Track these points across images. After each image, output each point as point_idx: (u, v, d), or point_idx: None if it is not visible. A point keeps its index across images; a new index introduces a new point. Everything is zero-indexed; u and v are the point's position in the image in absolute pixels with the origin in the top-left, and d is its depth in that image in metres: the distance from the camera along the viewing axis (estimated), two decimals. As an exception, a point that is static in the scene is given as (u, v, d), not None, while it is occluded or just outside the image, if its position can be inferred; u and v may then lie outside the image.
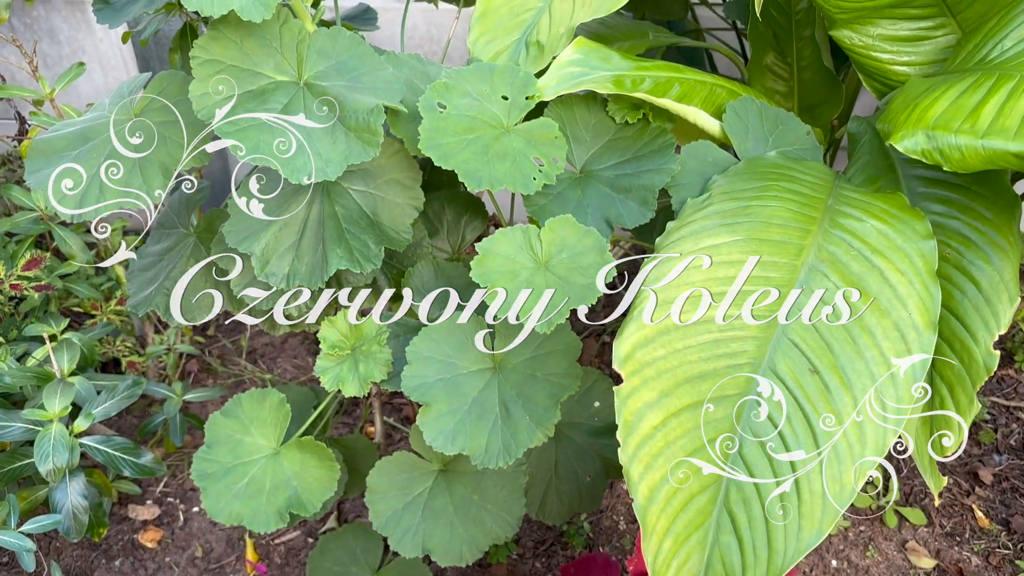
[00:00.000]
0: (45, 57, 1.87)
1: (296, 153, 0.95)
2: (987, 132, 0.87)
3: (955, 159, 0.88)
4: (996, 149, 0.85)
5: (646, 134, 1.07)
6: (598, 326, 1.83)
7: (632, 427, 0.86)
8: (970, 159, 0.87)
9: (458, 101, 1.01)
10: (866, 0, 1.04)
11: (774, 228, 0.94)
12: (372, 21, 1.43)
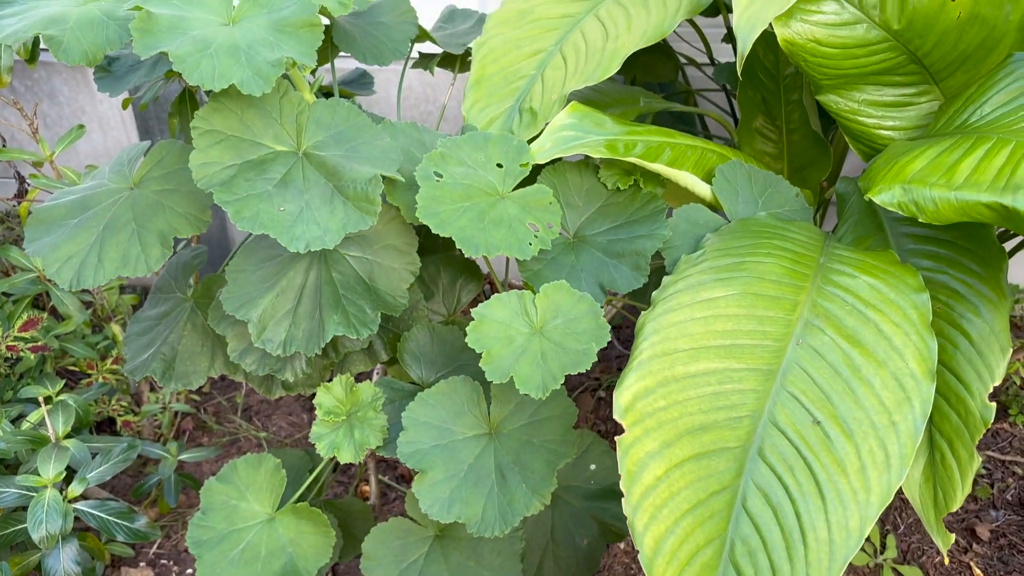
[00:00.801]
0: (45, 117, 1.89)
1: (295, 222, 0.96)
2: (961, 186, 0.89)
3: (930, 211, 0.90)
4: (968, 200, 0.87)
5: (637, 200, 1.08)
6: (593, 381, 1.84)
7: (635, 477, 0.86)
8: (944, 210, 0.89)
9: (454, 169, 1.03)
10: (851, 68, 1.06)
11: (768, 283, 0.95)
12: (369, 86, 1.46)
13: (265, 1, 0.99)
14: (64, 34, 0.99)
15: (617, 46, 1.11)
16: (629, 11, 1.15)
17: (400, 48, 1.24)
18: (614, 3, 1.18)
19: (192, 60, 0.91)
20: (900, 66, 1.07)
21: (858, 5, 1.02)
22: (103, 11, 1.02)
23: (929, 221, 0.90)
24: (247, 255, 1.09)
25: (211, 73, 0.91)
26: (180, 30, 0.94)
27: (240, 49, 0.94)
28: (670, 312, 0.91)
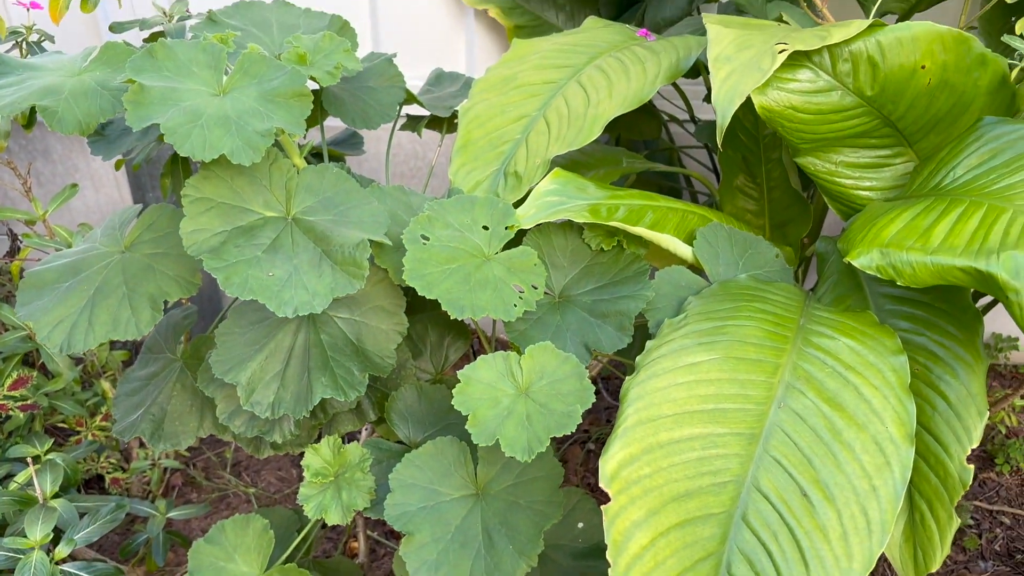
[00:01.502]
0: (39, 175, 1.91)
1: (283, 287, 0.98)
2: (937, 250, 0.91)
3: (907, 274, 0.92)
4: (944, 264, 0.90)
5: (621, 260, 1.10)
6: (582, 433, 1.84)
7: (621, 547, 0.86)
8: (921, 274, 0.91)
9: (440, 232, 1.05)
10: (827, 132, 1.09)
11: (750, 347, 0.96)
12: (359, 145, 1.49)
13: (255, 71, 1.01)
14: (59, 104, 1.02)
15: (598, 112, 1.14)
16: (610, 77, 1.19)
17: (388, 112, 1.26)
18: (596, 69, 1.21)
19: (183, 131, 0.93)
20: (875, 129, 1.10)
21: (832, 73, 1.05)
22: (97, 81, 1.05)
23: (907, 284, 0.92)
24: (236, 317, 1.10)
25: (201, 144, 0.93)
26: (171, 101, 0.96)
27: (230, 119, 0.96)
28: (654, 377, 0.93)
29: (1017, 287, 0.84)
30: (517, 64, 1.26)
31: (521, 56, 1.27)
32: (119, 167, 1.46)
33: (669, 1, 1.54)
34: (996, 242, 0.88)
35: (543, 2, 1.68)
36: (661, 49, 1.21)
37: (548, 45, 1.28)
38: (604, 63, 1.22)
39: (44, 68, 1.08)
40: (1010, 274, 0.85)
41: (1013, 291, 0.84)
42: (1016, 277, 0.84)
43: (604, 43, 1.27)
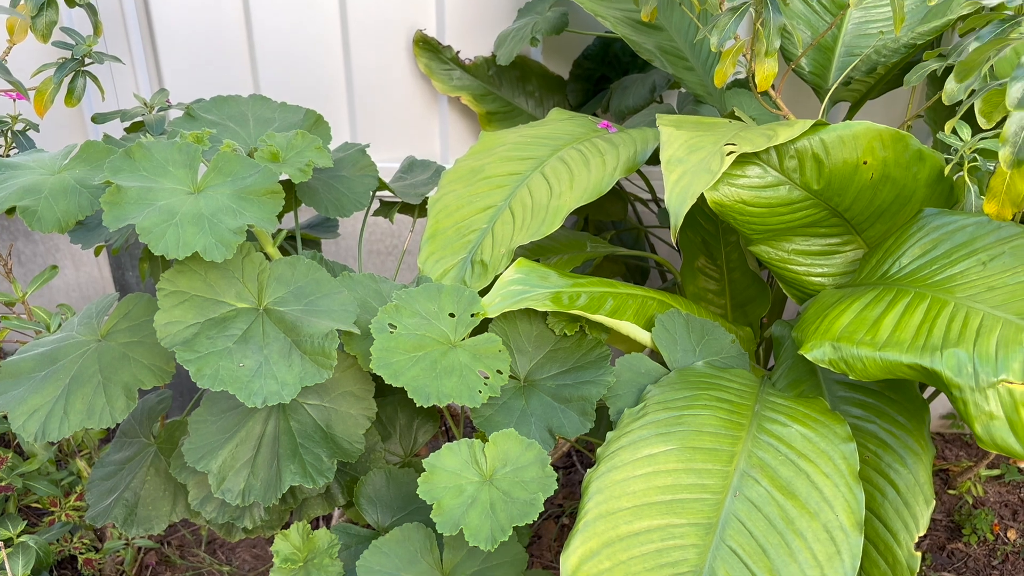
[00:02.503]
0: (20, 255, 1.95)
1: (253, 378, 1.01)
2: (885, 344, 0.96)
3: (858, 368, 0.96)
4: (892, 360, 0.94)
5: (584, 345, 1.14)
6: (556, 508, 1.86)
7: (583, 640, 0.88)
8: (871, 369, 0.96)
9: (408, 321, 1.08)
10: (778, 223, 1.15)
11: (706, 436, 1.00)
12: (334, 229, 1.53)
13: (229, 170, 1.06)
14: (39, 204, 1.06)
15: (560, 203, 1.19)
16: (572, 169, 1.24)
17: (361, 200, 1.31)
18: (558, 161, 1.27)
19: (158, 231, 0.97)
20: (823, 220, 1.16)
21: (780, 169, 1.11)
22: (76, 180, 1.09)
23: (858, 379, 0.96)
24: (209, 404, 1.13)
25: (175, 242, 0.97)
26: (147, 201, 1.00)
27: (204, 217, 1.00)
28: (613, 470, 0.96)
29: (960, 384, 0.89)
30: (484, 156, 1.31)
31: (488, 148, 1.32)
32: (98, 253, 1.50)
33: (632, 90, 1.62)
34: (939, 338, 0.93)
35: (513, 89, 1.75)
36: (620, 142, 1.27)
37: (514, 137, 1.34)
38: (566, 155, 1.28)
39: (25, 167, 1.12)
40: (953, 372, 0.89)
41: (956, 388, 0.89)
42: (959, 375, 0.89)
43: (567, 135, 1.33)
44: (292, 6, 1.67)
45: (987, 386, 0.88)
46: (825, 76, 1.52)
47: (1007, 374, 0.87)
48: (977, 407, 0.88)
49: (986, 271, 1.00)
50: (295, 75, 1.74)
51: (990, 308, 0.95)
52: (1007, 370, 0.87)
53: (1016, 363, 0.88)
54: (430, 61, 1.71)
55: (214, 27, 1.69)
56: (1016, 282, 0.97)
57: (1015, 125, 0.84)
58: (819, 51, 1.54)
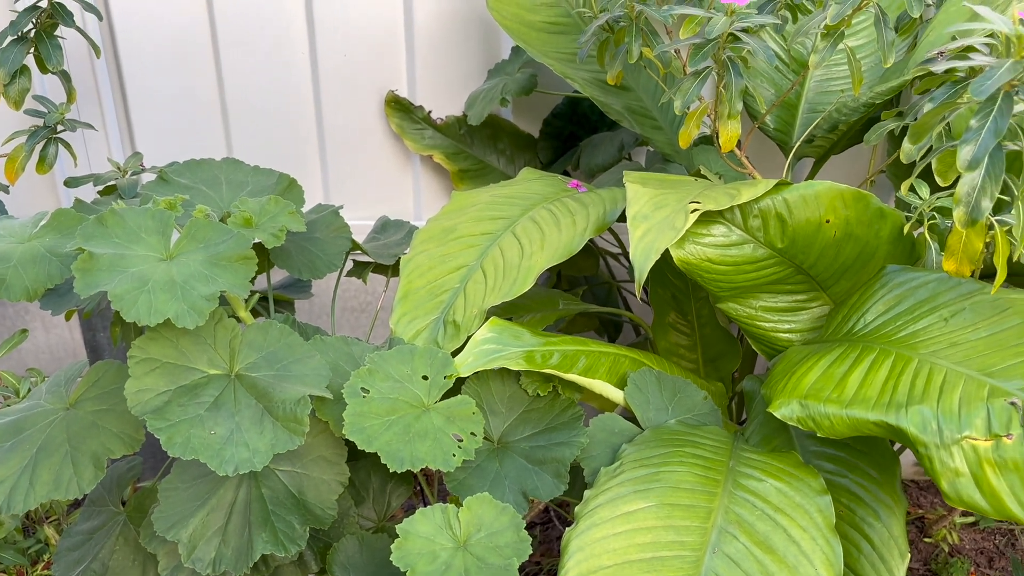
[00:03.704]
0: (-11, 316, 1.93)
1: (225, 445, 1.00)
2: (851, 402, 0.97)
3: (826, 426, 0.98)
4: (858, 418, 0.95)
5: (557, 405, 1.15)
6: (534, 566, 1.84)
7: None
8: (838, 426, 0.97)
9: (380, 385, 1.08)
10: (744, 281, 1.17)
11: (683, 492, 1.00)
12: (307, 289, 1.53)
13: (202, 236, 1.06)
14: (7, 272, 1.05)
15: (531, 263, 1.20)
16: (543, 229, 1.26)
17: (334, 261, 1.32)
18: (529, 221, 1.28)
19: (129, 298, 0.97)
20: (789, 277, 1.18)
21: (744, 228, 1.13)
22: (47, 248, 1.09)
23: (827, 436, 0.97)
24: (180, 471, 1.11)
25: (147, 309, 0.97)
26: (119, 268, 1.00)
27: (176, 284, 1.00)
28: (592, 528, 0.96)
29: (925, 441, 0.90)
30: (456, 216, 1.33)
31: (460, 208, 1.34)
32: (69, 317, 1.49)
33: (601, 148, 1.65)
34: (904, 395, 0.95)
35: (485, 147, 1.78)
36: (590, 202, 1.29)
37: (485, 197, 1.36)
38: (537, 215, 1.29)
39: (-5, 235, 1.11)
40: (918, 429, 0.90)
41: (922, 445, 0.90)
42: (924, 432, 0.90)
43: (538, 195, 1.35)
44: (264, 68, 1.70)
45: (952, 443, 0.89)
46: (790, 133, 1.56)
47: (971, 431, 0.89)
48: (943, 464, 0.89)
49: (948, 327, 1.02)
50: (268, 135, 1.75)
51: (953, 364, 0.97)
52: (970, 427, 0.89)
53: (979, 419, 0.89)
54: (402, 121, 1.74)
55: (187, 90, 1.70)
56: (977, 338, 0.99)
57: (967, 186, 0.87)
58: (783, 108, 1.58)
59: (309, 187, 1.80)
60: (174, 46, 1.67)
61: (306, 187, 1.80)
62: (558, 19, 1.53)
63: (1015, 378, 0.92)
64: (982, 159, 0.84)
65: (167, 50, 1.67)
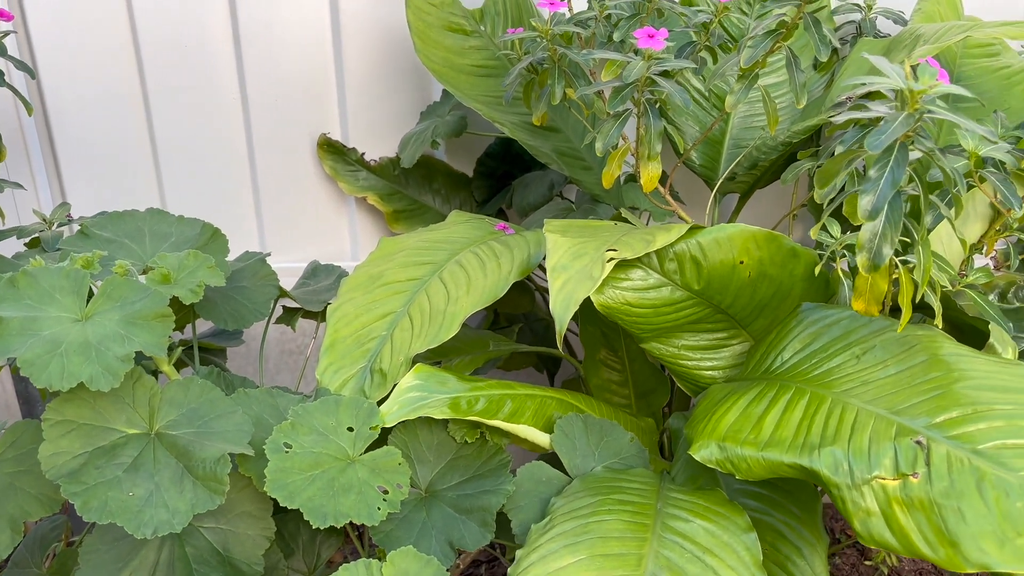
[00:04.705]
0: (-84, 369, 1.88)
1: (143, 507, 0.99)
2: (767, 444, 0.99)
3: (743, 468, 0.99)
4: (774, 460, 0.97)
5: (484, 452, 1.15)
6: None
7: None
8: (756, 469, 0.98)
9: (304, 439, 1.08)
10: (664, 322, 1.19)
11: (613, 542, 1.01)
12: (238, 337, 1.52)
13: (118, 295, 1.05)
14: (-83, 337, 1.03)
15: (457, 308, 1.21)
16: (469, 273, 1.27)
17: (261, 310, 1.31)
18: (456, 265, 1.29)
19: (40, 363, 0.96)
20: (708, 317, 1.20)
21: (661, 272, 1.15)
22: (-42, 311, 1.07)
23: (745, 478, 0.99)
24: (101, 533, 1.10)
25: (59, 374, 0.96)
26: (31, 331, 0.99)
27: (91, 346, 0.99)
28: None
29: (837, 483, 0.92)
30: (384, 262, 1.33)
31: (387, 254, 1.34)
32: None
33: (533, 187, 1.66)
34: (818, 435, 0.97)
35: (420, 187, 1.79)
36: (515, 244, 1.30)
37: (413, 242, 1.36)
38: (464, 259, 1.30)
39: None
40: (831, 471, 0.92)
41: (835, 486, 0.92)
42: (836, 473, 0.92)
43: (465, 238, 1.36)
44: (195, 115, 1.69)
45: (862, 483, 0.91)
46: (715, 169, 1.59)
47: (880, 470, 0.91)
48: (855, 504, 0.91)
49: (860, 364, 1.05)
50: (202, 182, 1.75)
51: (863, 403, 0.99)
52: (879, 466, 0.91)
53: (887, 459, 0.91)
54: (335, 163, 1.74)
55: (118, 141, 1.69)
56: (885, 376, 1.01)
57: (868, 233, 0.90)
58: (709, 145, 1.61)
59: (244, 232, 1.79)
60: (103, 97, 1.66)
61: (241, 232, 1.79)
62: (486, 62, 1.55)
63: (920, 416, 0.95)
64: (881, 208, 0.87)
65: (96, 102, 1.66)
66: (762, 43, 1.15)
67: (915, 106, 0.84)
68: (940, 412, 0.94)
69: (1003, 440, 0.90)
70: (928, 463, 0.90)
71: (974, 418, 0.92)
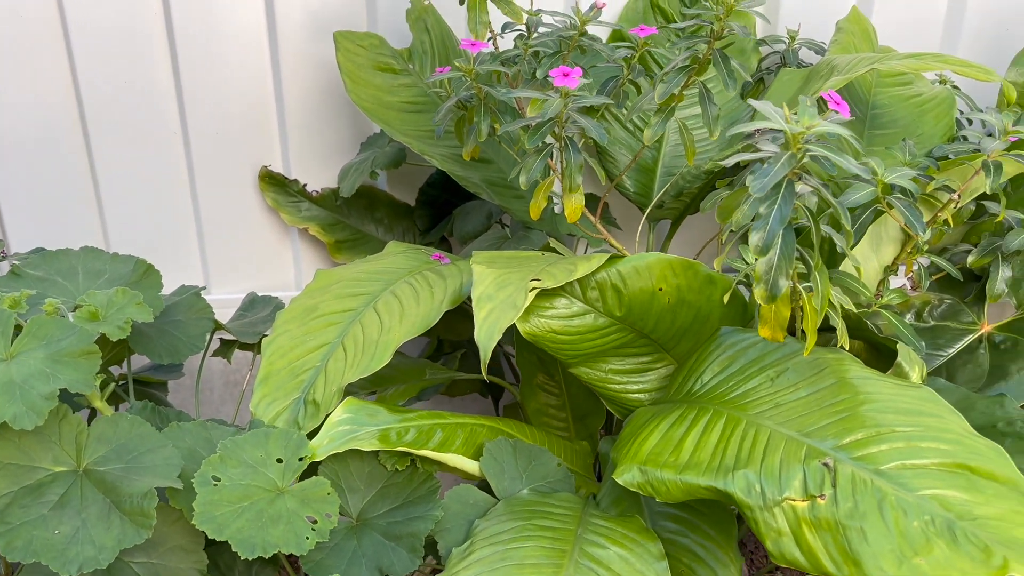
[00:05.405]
0: None
1: (69, 545, 1.00)
2: (685, 467, 1.02)
3: (663, 491, 1.03)
4: (691, 483, 1.01)
5: (415, 480, 1.17)
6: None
7: None
8: (674, 491, 1.02)
9: (233, 472, 1.09)
10: (590, 348, 1.22)
11: (528, 568, 1.03)
12: (177, 370, 1.53)
13: (43, 333, 1.06)
14: None
15: (389, 338, 1.23)
16: (403, 303, 1.29)
17: (196, 343, 1.33)
18: (391, 295, 1.31)
19: (-38, 404, 0.96)
20: (633, 341, 1.24)
21: (584, 300, 1.19)
22: None
23: (664, 501, 1.02)
24: (29, 572, 1.10)
25: (-19, 414, 0.97)
26: (-46, 373, 1.00)
27: (15, 384, 1.00)
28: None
29: (751, 504, 0.96)
30: (319, 294, 1.35)
31: (323, 286, 1.36)
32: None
33: (472, 216, 1.70)
34: (732, 458, 1.00)
35: (362, 217, 1.81)
36: (449, 274, 1.33)
37: (349, 273, 1.39)
38: (398, 289, 1.33)
39: None
40: (744, 493, 0.96)
41: (748, 508, 0.96)
42: (749, 495, 0.96)
43: (400, 269, 1.38)
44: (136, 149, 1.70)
45: (774, 504, 0.95)
46: (649, 196, 1.64)
47: (790, 492, 0.95)
48: (767, 525, 0.95)
49: (774, 387, 1.09)
50: (144, 217, 1.76)
51: (776, 425, 1.03)
52: (790, 488, 0.95)
53: (797, 481, 0.95)
54: (277, 195, 1.76)
55: (58, 177, 1.70)
56: (796, 399, 1.05)
57: (764, 266, 0.94)
58: (642, 173, 1.66)
59: (187, 265, 1.80)
60: (42, 133, 1.67)
61: (184, 266, 1.80)
62: (415, 99, 1.58)
63: (828, 438, 0.99)
64: (771, 244, 0.91)
65: (35, 138, 1.67)
66: (675, 78, 1.19)
67: (797, 146, 0.88)
68: (846, 434, 0.98)
69: (903, 460, 0.94)
70: (835, 484, 0.94)
71: (877, 440, 0.96)
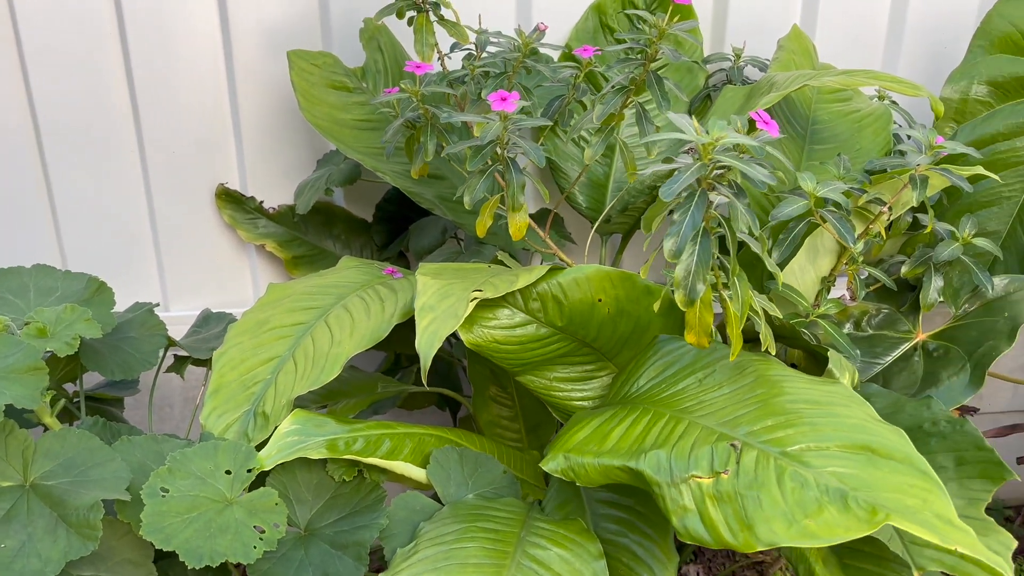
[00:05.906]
0: None
1: (15, 558, 1.01)
2: (605, 452, 1.08)
3: (582, 475, 1.08)
4: (607, 464, 1.06)
5: (362, 489, 1.20)
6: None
7: None
8: (592, 474, 1.07)
9: (181, 483, 1.11)
10: (533, 357, 1.25)
11: (471, 568, 1.06)
12: (133, 386, 1.55)
13: (-9, 350, 1.08)
14: None
15: (339, 351, 1.26)
16: (353, 316, 1.32)
17: (149, 360, 1.34)
18: (342, 309, 1.34)
19: (-93, 419, 0.98)
20: (575, 350, 1.27)
21: (526, 310, 1.22)
22: None
23: (584, 484, 1.07)
24: (-21, 586, 1.11)
25: (-73, 429, 0.98)
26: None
27: (-39, 400, 1.02)
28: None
29: (659, 481, 1.00)
30: (271, 308, 1.37)
31: (276, 300, 1.39)
32: None
33: (427, 232, 1.73)
34: (650, 443, 1.05)
35: (320, 233, 1.84)
36: (400, 288, 1.36)
37: (301, 287, 1.41)
38: (350, 303, 1.35)
39: None
40: (653, 471, 1.00)
41: (656, 485, 1.00)
42: (657, 472, 1.00)
43: (353, 283, 1.41)
44: (92, 168, 1.72)
45: (680, 481, 0.99)
46: (600, 211, 1.68)
47: (697, 470, 0.99)
48: (674, 502, 0.99)
49: (701, 387, 1.13)
50: (101, 236, 1.77)
51: (696, 417, 1.08)
52: (697, 467, 0.99)
53: (704, 461, 1.00)
54: (234, 212, 1.78)
55: (14, 196, 1.71)
56: (720, 395, 1.10)
57: (681, 272, 0.98)
58: (594, 188, 1.70)
59: (145, 282, 1.82)
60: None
61: (141, 283, 1.82)
62: (369, 117, 1.61)
63: (742, 425, 1.04)
64: (683, 249, 0.95)
65: (-11, 155, 1.68)
66: (612, 99, 1.24)
67: (708, 157, 0.93)
68: (758, 421, 1.03)
69: (807, 443, 0.99)
70: (739, 462, 0.99)
71: (785, 425, 1.02)
